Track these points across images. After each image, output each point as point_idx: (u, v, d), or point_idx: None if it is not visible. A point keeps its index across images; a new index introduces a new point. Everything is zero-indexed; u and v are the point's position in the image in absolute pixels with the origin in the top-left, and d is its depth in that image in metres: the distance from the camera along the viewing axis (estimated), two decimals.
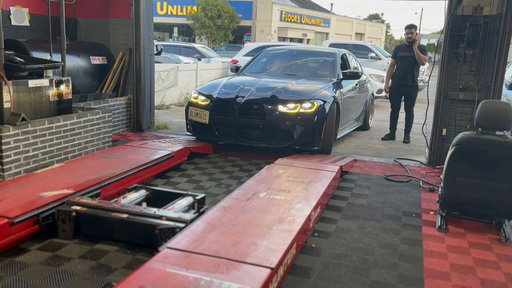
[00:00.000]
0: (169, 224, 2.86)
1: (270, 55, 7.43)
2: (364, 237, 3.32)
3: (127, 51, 6.54)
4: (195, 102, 5.70)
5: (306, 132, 5.25)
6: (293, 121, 5.23)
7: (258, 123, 5.29)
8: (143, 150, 4.82)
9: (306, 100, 5.34)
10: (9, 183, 3.56)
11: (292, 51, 7.69)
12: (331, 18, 43.78)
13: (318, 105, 5.30)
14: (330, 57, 6.95)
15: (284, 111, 5.24)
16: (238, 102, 5.34)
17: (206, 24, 30.79)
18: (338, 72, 6.53)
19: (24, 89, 4.38)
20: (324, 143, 5.41)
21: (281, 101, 5.30)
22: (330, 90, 5.75)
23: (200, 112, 5.56)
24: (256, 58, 7.31)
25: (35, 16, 5.80)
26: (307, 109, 5.26)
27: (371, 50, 14.49)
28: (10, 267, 2.64)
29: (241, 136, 5.38)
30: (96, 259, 2.78)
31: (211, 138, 5.54)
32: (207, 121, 5.46)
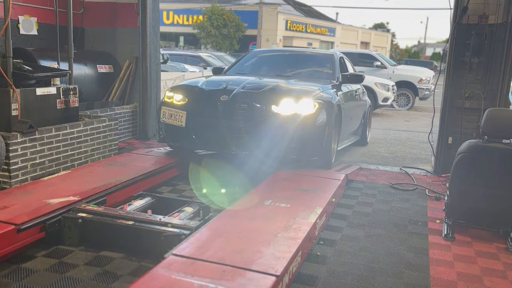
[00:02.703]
0: (174, 231, 2.87)
1: (260, 56, 6.49)
2: (370, 245, 3.30)
3: (134, 60, 6.60)
4: (169, 102, 4.79)
5: (304, 138, 4.42)
6: (288, 124, 4.36)
7: (246, 126, 4.41)
8: (148, 157, 4.84)
9: (305, 100, 4.47)
10: (16, 190, 3.58)
11: (285, 52, 6.87)
12: (336, 27, 43.92)
13: (319, 106, 4.49)
14: (328, 58, 6.13)
15: (278, 112, 4.39)
16: (223, 100, 4.46)
17: (212, 33, 30.98)
18: (338, 74, 5.73)
19: (32, 97, 4.42)
20: (324, 154, 4.65)
21: (274, 100, 4.42)
22: (331, 92, 5.02)
23: (176, 113, 4.62)
24: (242, 59, 6.40)
25: (43, 25, 5.87)
26: (306, 110, 4.43)
27: (376, 59, 14.50)
28: (16, 273, 2.65)
29: (224, 143, 4.53)
30: (101, 266, 2.78)
31: (188, 145, 4.73)
32: (184, 123, 4.54)
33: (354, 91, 6.23)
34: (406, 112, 13.16)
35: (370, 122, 7.72)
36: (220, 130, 4.46)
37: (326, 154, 4.66)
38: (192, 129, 4.59)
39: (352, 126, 6.27)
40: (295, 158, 4.54)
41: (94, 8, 6.57)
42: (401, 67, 15.32)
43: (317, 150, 4.54)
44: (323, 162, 4.69)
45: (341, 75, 5.71)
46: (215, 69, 6.36)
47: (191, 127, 4.58)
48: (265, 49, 7.27)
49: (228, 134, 4.45)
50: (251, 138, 4.39)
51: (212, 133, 4.51)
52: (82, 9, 6.47)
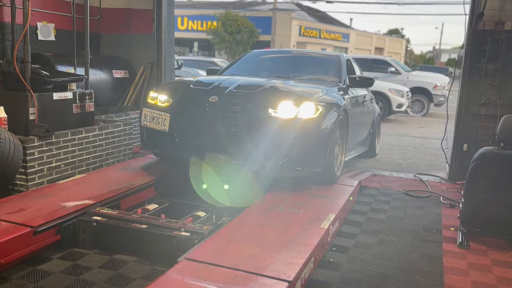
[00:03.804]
0: (187, 235, 2.88)
1: (259, 57, 6.02)
2: (383, 253, 3.28)
3: (149, 65, 6.67)
4: (152, 103, 4.29)
5: (305, 146, 3.83)
6: (286, 130, 3.77)
7: (237, 132, 3.84)
8: (162, 162, 4.87)
9: (306, 103, 3.91)
10: (33, 193, 3.64)
11: (287, 53, 6.42)
12: (350, 33, 43.80)
13: (322, 110, 3.92)
14: (333, 59, 5.62)
15: (275, 116, 3.82)
16: (212, 101, 3.92)
17: (226, 39, 31.14)
18: (344, 77, 5.20)
19: (49, 102, 4.49)
20: (328, 165, 4.07)
21: (271, 102, 3.86)
22: (336, 95, 4.48)
23: (158, 115, 4.11)
24: (240, 60, 5.93)
25: (60, 31, 5.97)
26: (308, 114, 3.86)
27: (390, 64, 14.43)
28: (32, 275, 2.69)
29: (213, 150, 3.95)
30: (115, 269, 2.81)
31: (172, 152, 4.14)
32: (167, 127, 4.02)
33: (362, 96, 5.76)
34: (421, 118, 13.05)
35: (379, 131, 7.17)
36: (207, 136, 3.90)
37: (330, 166, 4.08)
38: (176, 134, 4.04)
39: (360, 135, 5.79)
40: (295, 169, 3.92)
41: (110, 14, 6.67)
42: (416, 73, 15.22)
43: (320, 161, 3.95)
44: (327, 175, 4.13)
45: (348, 78, 5.23)
46: (210, 69, 5.93)
47: (175, 132, 4.03)
48: (266, 50, 6.91)
49: (217, 141, 3.89)
50: (243, 146, 3.79)
51: (198, 139, 3.95)
52: (98, 15, 6.57)
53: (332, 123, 4.01)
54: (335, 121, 4.06)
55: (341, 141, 4.48)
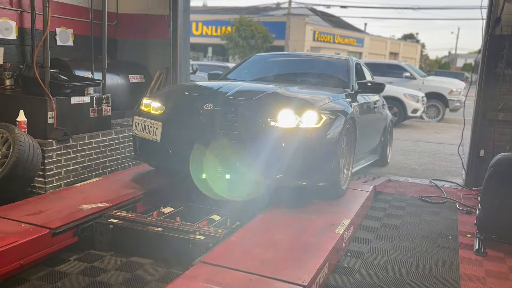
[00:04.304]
0: (202, 239, 2.90)
1: (263, 61, 5.76)
2: (398, 258, 3.26)
3: (164, 70, 6.73)
4: (145, 111, 4.01)
5: (307, 158, 3.54)
6: (288, 141, 3.50)
7: (234, 143, 3.57)
8: None
9: (309, 111, 3.61)
10: (51, 195, 3.71)
11: (292, 57, 6.21)
12: (365, 37, 43.65)
13: (326, 119, 3.63)
14: (341, 63, 5.30)
15: (275, 125, 3.53)
16: (207, 109, 3.64)
17: (240, 44, 31.30)
18: (353, 82, 4.89)
19: (67, 106, 4.57)
20: (333, 179, 3.75)
21: (270, 110, 3.59)
22: (343, 102, 4.18)
23: (150, 124, 3.82)
24: (243, 64, 5.67)
25: (78, 36, 6.08)
26: (311, 124, 3.56)
27: (405, 69, 14.35)
28: (50, 276, 2.73)
29: (207, 163, 3.67)
30: (131, 271, 2.84)
31: (164, 163, 3.89)
32: (159, 137, 3.75)
33: (373, 102, 5.43)
34: (436, 123, 12.94)
35: (391, 139, 6.80)
36: (201, 147, 3.62)
37: (335, 179, 3.76)
38: (169, 145, 3.77)
39: (370, 144, 5.49)
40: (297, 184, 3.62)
41: (127, 20, 6.76)
42: (431, 78, 15.11)
43: (323, 174, 3.64)
44: (332, 189, 3.83)
45: (357, 83, 4.92)
46: (211, 74, 5.70)
47: (167, 142, 3.76)
48: (270, 53, 6.65)
49: (212, 152, 3.60)
50: (240, 158, 3.54)
51: (192, 150, 3.64)
52: (115, 21, 6.66)
53: (338, 133, 3.69)
54: (341, 130, 3.74)
55: (348, 151, 4.18)
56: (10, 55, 5.13)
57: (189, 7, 7.02)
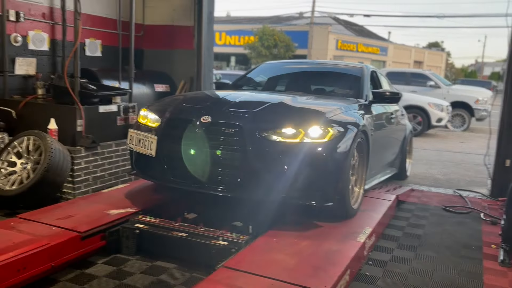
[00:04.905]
0: (225, 244, 2.96)
1: (273, 69, 5.55)
2: (420, 268, 3.25)
3: (189, 80, 6.87)
4: (143, 123, 3.77)
5: (312, 176, 3.26)
6: (291, 156, 3.22)
7: (233, 158, 3.31)
8: None
9: (314, 124, 3.34)
10: (80, 200, 3.84)
11: (304, 64, 5.91)
12: (388, 46, 43.32)
13: (334, 134, 3.33)
14: (355, 72, 4.95)
15: (277, 139, 3.26)
16: (204, 122, 3.38)
17: (263, 53, 31.50)
18: (366, 92, 4.54)
19: (95, 114, 4.72)
20: (341, 198, 3.41)
21: (273, 123, 3.34)
22: (354, 114, 3.87)
23: (144, 138, 3.59)
24: (252, 72, 5.42)
25: (106, 47, 6.27)
26: (316, 138, 3.27)
27: (429, 78, 14.20)
28: (79, 278, 2.84)
29: (203, 180, 3.42)
30: (156, 275, 2.92)
31: (160, 180, 3.66)
32: (154, 152, 3.52)
33: (390, 113, 5.07)
34: (461, 133, 12.74)
35: (411, 151, 6.43)
36: (198, 162, 3.40)
37: (343, 199, 3.43)
38: (164, 159, 3.54)
39: (386, 157, 5.13)
40: (300, 203, 3.35)
41: (153, 31, 6.94)
42: (456, 87, 14.91)
43: (330, 193, 3.33)
44: (341, 210, 3.49)
45: (371, 93, 4.57)
46: (218, 83, 5.41)
47: (163, 157, 3.53)
48: (281, 61, 6.60)
49: (209, 168, 3.37)
50: (238, 175, 3.30)
51: (188, 165, 3.43)
52: (141, 32, 6.85)
53: (347, 148, 3.38)
54: (351, 145, 3.42)
55: (360, 167, 3.86)
56: (42, 65, 5.34)
57: (213, 18, 7.17)
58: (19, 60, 5.07)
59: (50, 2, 5.38)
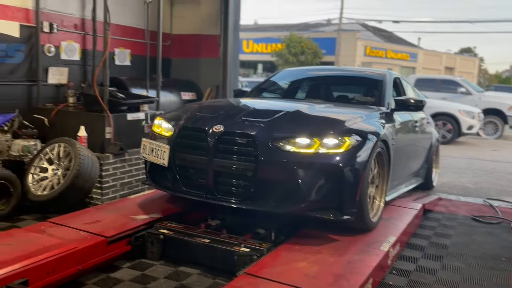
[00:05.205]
0: (247, 251, 2.99)
1: (292, 76, 5.49)
2: (446, 278, 3.18)
3: (215, 87, 6.97)
4: (157, 132, 3.73)
5: (328, 188, 3.12)
6: (306, 167, 3.10)
7: (245, 169, 3.19)
8: None
9: (330, 133, 3.23)
10: (107, 206, 3.95)
11: (324, 71, 5.77)
12: (418, 52, 42.63)
13: (351, 143, 3.19)
14: (377, 79, 4.77)
15: (291, 149, 3.15)
16: (215, 132, 3.31)
17: (290, 60, 31.54)
18: (388, 100, 4.36)
19: (123, 122, 4.84)
20: (360, 211, 3.24)
21: (287, 133, 3.24)
22: (374, 122, 3.70)
23: (157, 147, 3.55)
24: (270, 80, 5.34)
25: (135, 56, 6.44)
26: (332, 149, 3.14)
27: (460, 85, 13.91)
28: (105, 282, 2.92)
29: (216, 190, 3.30)
30: (179, 280, 2.97)
31: (172, 190, 3.58)
32: (166, 161, 3.47)
33: (414, 121, 4.89)
34: (494, 141, 12.41)
35: (437, 160, 6.20)
36: (210, 173, 3.29)
37: (361, 212, 3.26)
38: (176, 169, 3.48)
39: (410, 167, 4.94)
40: (315, 217, 3.20)
41: (181, 40, 7.08)
42: (489, 94, 14.54)
43: (347, 206, 3.15)
44: (359, 223, 3.34)
45: (393, 101, 4.40)
46: (237, 91, 5.30)
47: (175, 166, 3.48)
48: (300, 68, 6.52)
49: (220, 178, 3.30)
50: (251, 186, 3.18)
51: (200, 175, 3.38)
52: (169, 41, 7.00)
53: (365, 159, 3.23)
54: (369, 155, 3.27)
55: (380, 178, 3.71)
56: (74, 74, 5.53)
57: (239, 27, 7.26)
58: (52, 70, 5.27)
59: (81, 14, 5.58)
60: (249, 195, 3.19)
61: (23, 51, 5.00)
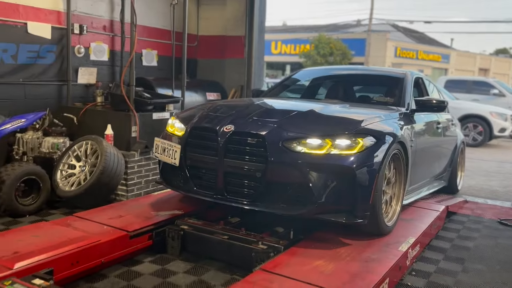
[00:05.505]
0: (264, 248, 3.02)
1: (311, 76, 5.40)
2: (467, 281, 3.13)
3: (239, 88, 7.04)
4: (171, 132, 3.72)
5: (340, 190, 3.03)
6: (317, 169, 3.02)
7: (255, 170, 3.13)
8: None
9: (343, 134, 3.15)
10: (131, 202, 4.06)
11: (342, 71, 5.67)
12: (451, 53, 41.66)
13: (365, 145, 3.10)
14: (397, 79, 4.61)
15: (302, 150, 3.08)
16: (226, 131, 3.28)
17: (318, 61, 31.38)
18: (408, 100, 4.23)
19: (149, 121, 4.96)
20: (373, 215, 3.14)
21: (298, 133, 3.18)
22: (392, 123, 3.58)
23: (169, 146, 3.56)
24: (288, 80, 5.29)
25: (162, 57, 6.58)
26: (344, 150, 3.06)
27: (493, 86, 13.56)
28: (126, 275, 3.01)
29: (226, 191, 3.27)
30: (198, 275, 3.04)
31: (183, 190, 3.57)
32: (177, 161, 3.47)
33: (436, 122, 4.73)
34: None
35: (462, 163, 5.97)
36: (220, 173, 3.26)
37: (375, 215, 3.16)
38: (187, 169, 3.48)
39: (432, 170, 4.78)
40: (326, 220, 3.10)
41: (207, 41, 7.19)
42: None
43: (360, 209, 3.06)
44: (373, 228, 3.27)
45: (413, 101, 4.28)
46: (255, 91, 5.26)
47: (186, 166, 3.47)
48: (319, 68, 6.45)
49: (230, 179, 3.27)
50: (261, 187, 3.14)
51: (210, 175, 3.36)
52: (196, 42, 7.11)
53: (379, 161, 3.12)
54: (384, 157, 3.16)
55: (397, 181, 3.61)
56: (102, 75, 5.71)
57: (264, 28, 7.32)
58: (82, 70, 5.45)
59: (110, 16, 5.75)
60: (258, 196, 3.15)
61: (54, 52, 5.19)
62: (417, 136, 4.00)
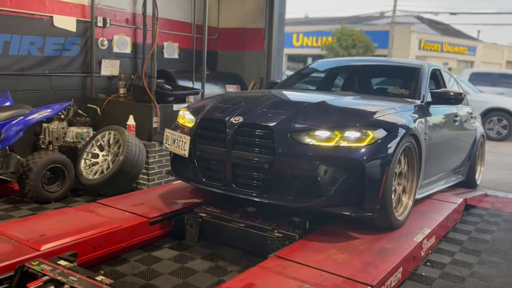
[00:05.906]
0: (279, 236, 3.09)
1: (326, 67, 5.31)
2: (482, 272, 3.14)
3: (258, 80, 7.09)
4: (181, 123, 3.73)
5: (349, 183, 2.98)
6: (325, 161, 2.98)
7: (263, 161, 3.10)
8: None
9: (352, 126, 3.10)
10: (151, 191, 4.18)
11: (357, 62, 5.60)
12: (477, 45, 40.70)
13: (375, 137, 3.05)
14: (412, 70, 4.49)
15: (311, 142, 3.03)
16: (234, 123, 3.25)
17: (340, 54, 31.11)
18: (424, 92, 4.12)
19: (169, 112, 5.07)
20: (384, 209, 3.10)
21: (306, 125, 3.13)
22: (404, 116, 3.49)
23: (179, 138, 3.55)
24: (303, 71, 5.22)
25: (183, 49, 6.68)
26: (354, 142, 3.01)
27: None
28: (147, 259, 3.13)
29: (235, 182, 3.25)
30: (214, 261, 3.13)
31: (193, 181, 3.55)
32: (187, 152, 3.46)
33: (453, 115, 4.58)
34: None
35: (482, 157, 5.81)
36: (228, 164, 3.23)
37: (386, 209, 3.11)
38: (196, 160, 3.45)
39: (448, 164, 4.62)
40: (335, 213, 3.07)
41: (227, 34, 7.25)
42: None
43: (369, 203, 3.01)
44: (383, 221, 3.21)
45: (429, 94, 4.16)
46: (269, 82, 5.23)
47: (195, 157, 3.45)
48: (335, 59, 6.31)
49: (238, 171, 3.24)
50: (268, 179, 3.10)
51: (218, 167, 3.34)
52: (216, 35, 7.18)
53: (390, 154, 3.06)
54: (395, 150, 3.09)
55: (409, 175, 3.54)
56: (125, 67, 5.84)
57: (284, 20, 7.33)
58: (105, 62, 5.59)
59: (133, 9, 5.86)
60: (266, 188, 3.12)
61: (79, 44, 5.34)
62: (432, 129, 3.91)
